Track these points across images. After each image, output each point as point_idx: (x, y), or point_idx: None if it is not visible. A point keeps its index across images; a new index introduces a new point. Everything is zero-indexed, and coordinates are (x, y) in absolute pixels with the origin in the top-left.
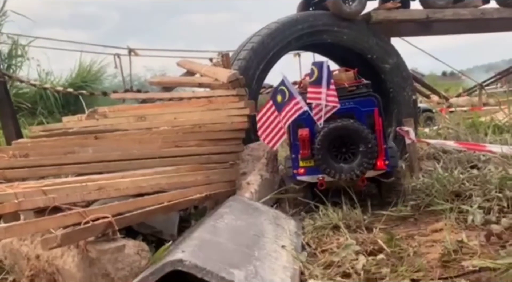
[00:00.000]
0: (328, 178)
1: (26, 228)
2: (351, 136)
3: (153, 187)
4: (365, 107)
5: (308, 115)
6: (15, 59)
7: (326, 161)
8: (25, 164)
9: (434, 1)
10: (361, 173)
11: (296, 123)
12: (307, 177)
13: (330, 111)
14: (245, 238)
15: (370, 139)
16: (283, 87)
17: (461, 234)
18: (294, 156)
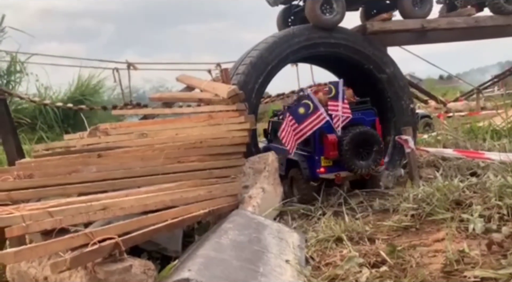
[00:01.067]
0: (344, 174)
1: (35, 252)
2: (369, 140)
3: (157, 204)
4: (369, 117)
5: (329, 124)
6: (14, 75)
7: (352, 159)
8: (30, 185)
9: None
10: (375, 167)
11: (319, 130)
12: (327, 174)
13: (345, 120)
14: (250, 254)
15: (380, 142)
16: (308, 101)
17: (462, 243)
18: (317, 158)
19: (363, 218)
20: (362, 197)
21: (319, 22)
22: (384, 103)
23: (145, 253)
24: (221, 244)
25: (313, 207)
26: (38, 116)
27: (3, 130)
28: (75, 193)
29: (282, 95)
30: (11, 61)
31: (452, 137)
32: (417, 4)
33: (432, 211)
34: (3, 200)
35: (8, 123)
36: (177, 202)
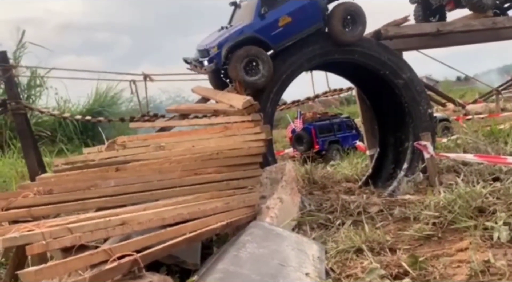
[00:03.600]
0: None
1: (55, 270)
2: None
3: (175, 217)
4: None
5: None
6: (34, 89)
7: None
8: (50, 201)
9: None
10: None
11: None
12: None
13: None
14: (269, 268)
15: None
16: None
17: (487, 253)
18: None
19: (383, 227)
20: (382, 205)
21: (245, 84)
22: (401, 109)
23: (164, 267)
24: (239, 257)
25: (332, 216)
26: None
27: (24, 144)
28: (94, 207)
29: (297, 102)
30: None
31: (472, 141)
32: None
33: (454, 218)
34: (24, 216)
35: (29, 137)
36: (195, 215)
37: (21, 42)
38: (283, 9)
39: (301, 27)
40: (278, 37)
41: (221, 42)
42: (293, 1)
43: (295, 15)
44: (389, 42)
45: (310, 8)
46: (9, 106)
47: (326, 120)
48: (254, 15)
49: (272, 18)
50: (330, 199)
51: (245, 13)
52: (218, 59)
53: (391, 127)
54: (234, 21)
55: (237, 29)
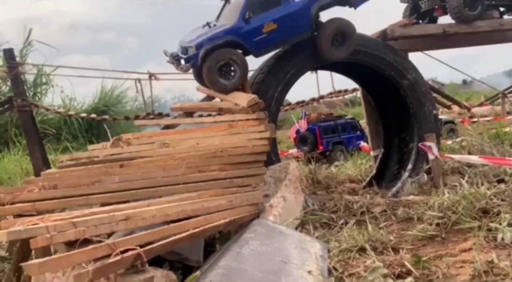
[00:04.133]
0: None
1: (59, 263)
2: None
3: (179, 213)
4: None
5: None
6: (40, 87)
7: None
8: (54, 195)
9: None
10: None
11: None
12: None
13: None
14: (271, 265)
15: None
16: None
17: (491, 253)
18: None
19: (387, 227)
20: (386, 205)
21: (215, 86)
22: (406, 110)
23: (167, 263)
24: (242, 254)
25: (335, 216)
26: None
27: (29, 141)
28: (98, 203)
29: (302, 103)
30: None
31: (477, 144)
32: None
33: (458, 219)
34: (28, 210)
35: (34, 135)
36: (198, 212)
37: (27, 40)
38: (270, 15)
39: (287, 35)
40: (260, 44)
41: (200, 43)
42: (281, 8)
43: (281, 22)
44: (395, 43)
45: (298, 16)
46: (15, 104)
47: (330, 121)
48: (238, 18)
49: (256, 23)
50: (334, 199)
51: (231, 13)
52: (195, 60)
53: (395, 128)
54: (221, 18)
55: (218, 31)
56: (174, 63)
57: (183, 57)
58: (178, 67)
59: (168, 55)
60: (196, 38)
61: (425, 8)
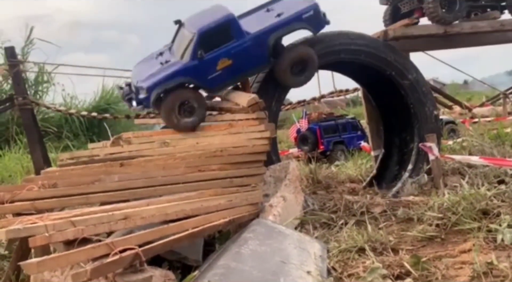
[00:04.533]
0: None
1: (57, 262)
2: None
3: (178, 213)
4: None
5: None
6: (41, 85)
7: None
8: (54, 194)
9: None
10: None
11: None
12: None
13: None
14: (270, 265)
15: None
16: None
17: (490, 254)
18: None
19: (387, 227)
20: (386, 206)
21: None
22: (407, 110)
23: (166, 262)
24: (241, 254)
25: (335, 216)
26: (64, 125)
27: (30, 140)
28: (97, 202)
29: (303, 102)
30: (38, 71)
31: (478, 144)
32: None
33: (458, 220)
34: (27, 209)
35: (35, 133)
36: (198, 211)
37: (29, 38)
38: (224, 51)
39: (243, 69)
40: (215, 81)
41: (151, 86)
42: (235, 42)
43: (237, 57)
44: (396, 43)
45: (255, 49)
46: (16, 102)
47: (331, 120)
48: (190, 56)
49: (210, 60)
50: (334, 199)
51: (183, 45)
52: (146, 103)
53: (396, 128)
54: (175, 46)
55: (169, 73)
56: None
57: (134, 99)
58: (130, 107)
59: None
60: (147, 79)
61: (404, 10)
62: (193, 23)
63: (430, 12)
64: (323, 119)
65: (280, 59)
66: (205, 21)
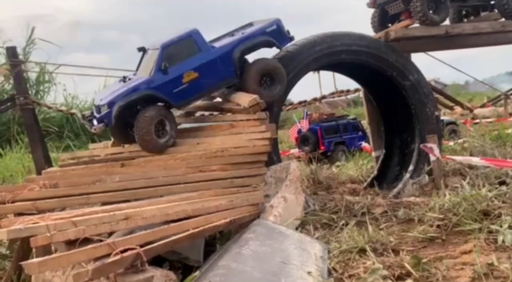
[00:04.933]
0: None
1: (58, 262)
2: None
3: (179, 213)
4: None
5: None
6: (42, 85)
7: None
8: (55, 194)
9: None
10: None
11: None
12: None
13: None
14: (271, 265)
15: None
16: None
17: (491, 256)
18: None
19: (387, 228)
20: (386, 206)
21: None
22: (408, 111)
23: (167, 263)
24: (242, 254)
25: (335, 216)
26: (65, 125)
27: (31, 139)
28: (98, 202)
29: (304, 103)
30: (40, 71)
31: (479, 145)
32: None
33: (459, 221)
34: (29, 209)
35: (36, 133)
36: (199, 212)
37: (30, 38)
38: (189, 64)
39: (209, 83)
40: (181, 95)
41: (112, 100)
42: (201, 55)
43: (203, 70)
44: (397, 44)
45: (221, 62)
46: (17, 101)
47: (332, 121)
48: (154, 70)
49: (175, 73)
50: (335, 199)
51: (148, 65)
52: (108, 119)
53: (397, 129)
54: (140, 71)
55: (132, 86)
56: (87, 125)
57: (95, 117)
58: (91, 128)
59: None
60: (109, 95)
61: (392, 12)
62: (155, 43)
63: (418, 14)
64: (324, 120)
65: (246, 76)
66: (169, 37)
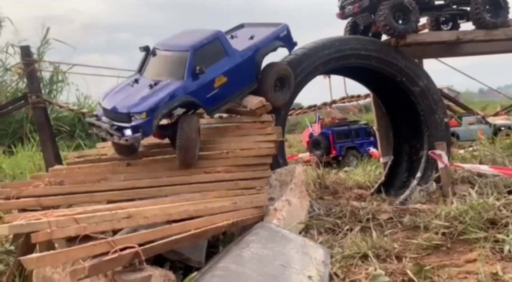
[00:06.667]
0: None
1: (57, 258)
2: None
3: (181, 214)
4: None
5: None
6: (56, 85)
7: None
8: (60, 191)
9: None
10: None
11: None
12: None
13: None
14: (271, 268)
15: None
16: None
17: (496, 265)
18: None
19: (392, 234)
20: (392, 213)
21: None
22: (417, 117)
23: (168, 263)
24: (242, 256)
25: (340, 222)
26: (76, 124)
27: (42, 138)
28: (102, 200)
29: (314, 107)
30: (53, 71)
31: (489, 153)
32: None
33: (465, 229)
34: (33, 205)
35: (47, 131)
36: (201, 212)
37: (45, 38)
38: (219, 68)
39: (235, 88)
40: (213, 100)
41: (153, 108)
42: (228, 59)
43: (231, 75)
44: (408, 49)
45: (245, 67)
46: (29, 100)
47: (344, 126)
48: (185, 73)
49: (207, 78)
50: (340, 205)
51: (170, 68)
52: (147, 128)
53: (406, 135)
54: (150, 73)
55: (169, 92)
56: (113, 136)
57: (126, 127)
58: (120, 139)
59: (98, 129)
60: (140, 102)
61: (362, 24)
62: (175, 44)
63: (383, 26)
64: (336, 125)
65: (263, 79)
66: (195, 39)
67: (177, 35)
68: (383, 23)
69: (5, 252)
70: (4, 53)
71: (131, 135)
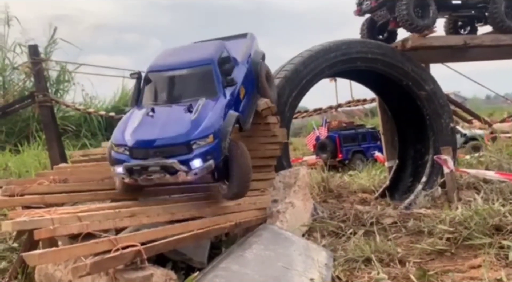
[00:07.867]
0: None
1: (59, 255)
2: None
3: (184, 213)
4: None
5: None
6: (62, 84)
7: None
8: (64, 189)
9: None
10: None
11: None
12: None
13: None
14: (273, 270)
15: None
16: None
17: (500, 271)
18: None
19: (396, 239)
20: (396, 217)
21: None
22: (423, 121)
23: (170, 263)
24: (244, 258)
25: (344, 225)
26: (83, 124)
27: (48, 136)
28: (106, 198)
29: (319, 110)
30: (60, 70)
31: (495, 159)
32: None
33: (469, 235)
34: (37, 203)
35: (53, 130)
36: (204, 213)
37: (52, 38)
38: (236, 78)
39: (250, 97)
40: (243, 113)
41: (217, 128)
42: (238, 68)
43: (246, 84)
44: (414, 53)
45: (250, 74)
46: (36, 99)
47: (351, 129)
48: (217, 88)
49: (235, 90)
50: (344, 208)
51: (195, 86)
52: (217, 152)
53: (411, 140)
54: (168, 98)
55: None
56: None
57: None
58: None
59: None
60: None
61: (379, 22)
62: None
63: (405, 21)
64: (343, 128)
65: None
66: (209, 51)
67: (177, 52)
68: (405, 17)
69: (9, 249)
70: (11, 52)
71: (202, 165)
